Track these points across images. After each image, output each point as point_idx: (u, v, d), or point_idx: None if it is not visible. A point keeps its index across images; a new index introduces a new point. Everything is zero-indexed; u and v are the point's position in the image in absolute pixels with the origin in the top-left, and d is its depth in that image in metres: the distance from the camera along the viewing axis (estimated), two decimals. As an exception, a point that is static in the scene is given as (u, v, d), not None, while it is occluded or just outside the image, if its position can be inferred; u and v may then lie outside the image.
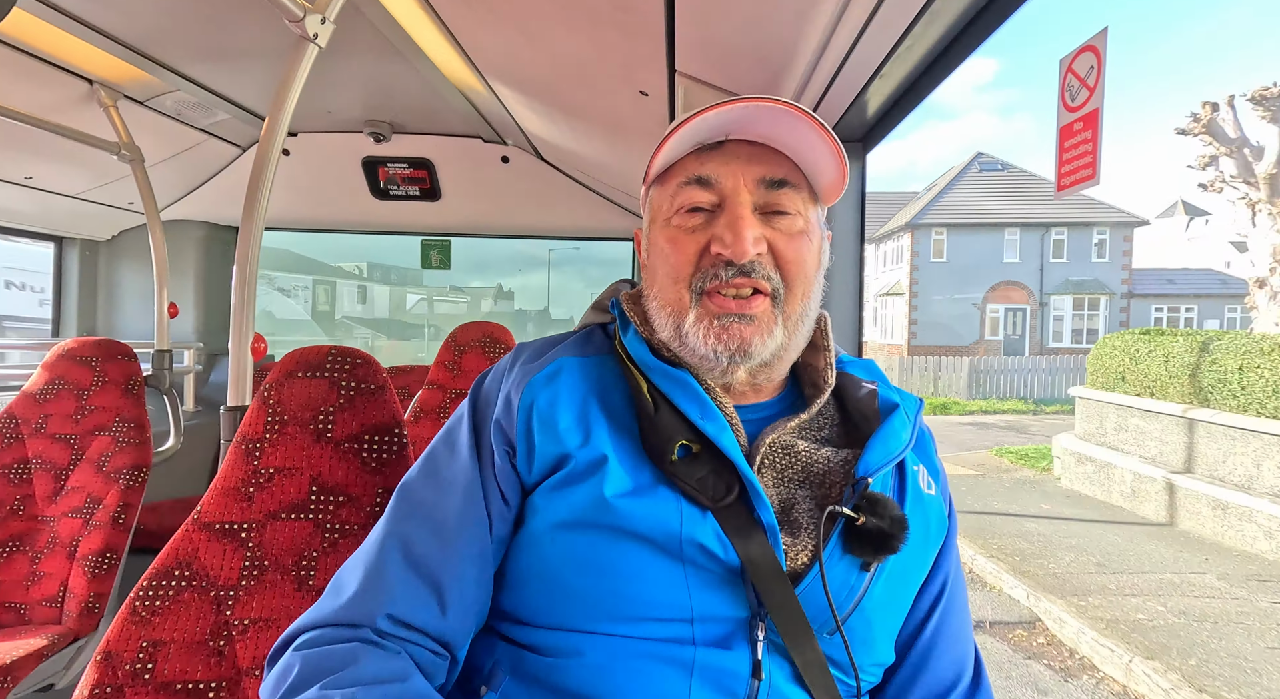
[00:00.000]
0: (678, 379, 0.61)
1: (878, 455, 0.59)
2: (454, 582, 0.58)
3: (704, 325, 0.60)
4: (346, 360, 0.96)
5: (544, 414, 0.61)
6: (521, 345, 0.70)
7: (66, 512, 1.60)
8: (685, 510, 0.56)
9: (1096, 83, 0.59)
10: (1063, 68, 0.62)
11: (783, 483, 0.61)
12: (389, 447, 0.94)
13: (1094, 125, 0.60)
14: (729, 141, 0.62)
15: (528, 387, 0.63)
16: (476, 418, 0.66)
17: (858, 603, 0.57)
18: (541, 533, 0.59)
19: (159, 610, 0.83)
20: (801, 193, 0.62)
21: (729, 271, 0.59)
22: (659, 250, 0.64)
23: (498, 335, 1.85)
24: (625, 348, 0.65)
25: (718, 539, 0.55)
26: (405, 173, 2.52)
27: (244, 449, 0.91)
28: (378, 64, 1.77)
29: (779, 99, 0.57)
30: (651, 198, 0.68)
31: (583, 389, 0.63)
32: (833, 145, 0.59)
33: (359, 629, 0.56)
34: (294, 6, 0.95)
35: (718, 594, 0.55)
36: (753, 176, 0.61)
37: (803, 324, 0.64)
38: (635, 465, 0.58)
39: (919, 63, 0.77)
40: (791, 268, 0.61)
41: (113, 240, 2.80)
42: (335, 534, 0.90)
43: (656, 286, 0.65)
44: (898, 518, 0.57)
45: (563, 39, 1.16)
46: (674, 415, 0.59)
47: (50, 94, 1.77)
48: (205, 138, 2.28)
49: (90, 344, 1.75)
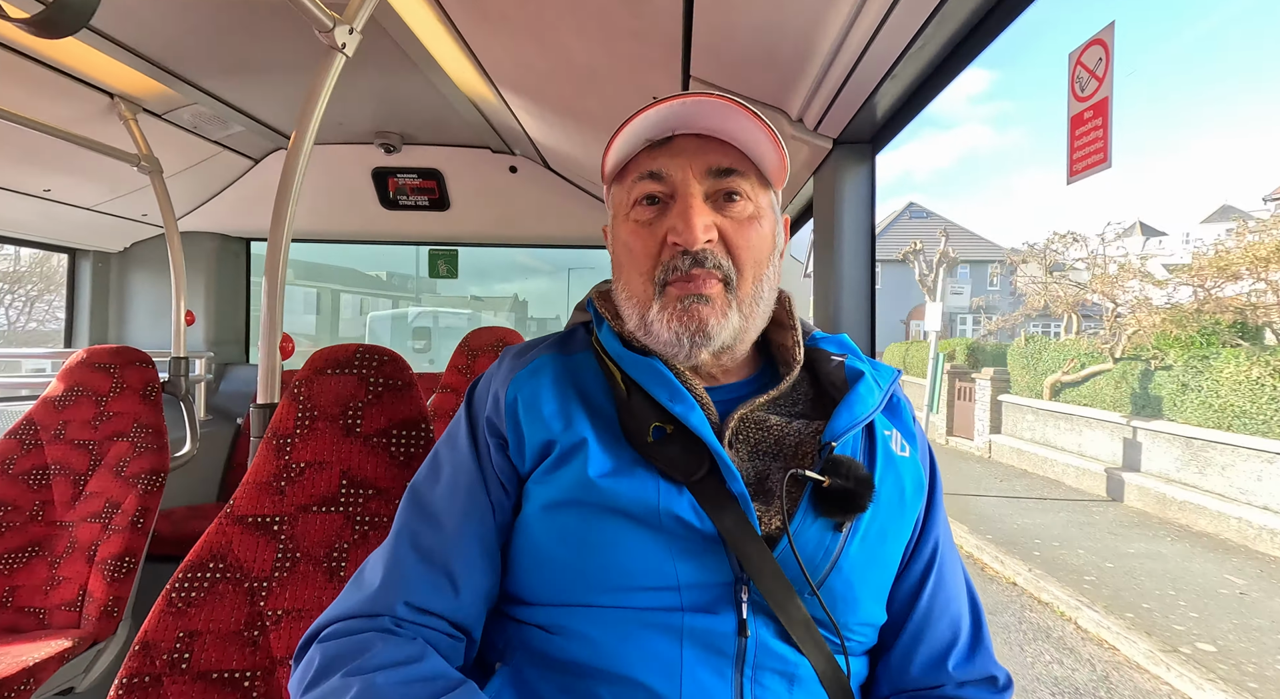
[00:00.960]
0: (646, 366, 0.65)
1: (843, 421, 0.63)
2: (464, 567, 0.63)
3: (667, 312, 0.64)
4: (373, 358, 0.99)
5: (528, 406, 0.65)
6: (509, 347, 0.75)
7: (85, 517, 1.62)
8: (662, 486, 0.59)
9: (1105, 73, 0.62)
10: (1071, 61, 0.65)
11: (757, 456, 0.64)
12: (416, 441, 0.97)
13: (1104, 113, 0.63)
14: (677, 136, 0.66)
15: (512, 383, 0.67)
16: (472, 417, 0.70)
17: (834, 563, 0.60)
18: (535, 515, 0.63)
19: (194, 602, 0.85)
20: (749, 178, 0.66)
21: (685, 261, 0.63)
22: (622, 244, 0.68)
23: (510, 340, 1.88)
24: (600, 342, 0.70)
25: (693, 511, 0.58)
26: (414, 183, 2.56)
27: (275, 444, 0.93)
28: (391, 76, 1.82)
29: (713, 94, 0.62)
30: (613, 195, 0.72)
31: (563, 382, 0.67)
32: (768, 133, 0.63)
33: (378, 618, 0.60)
34: (324, 17, 0.98)
35: (700, 561, 0.59)
36: (701, 167, 0.64)
37: (757, 306, 0.67)
38: (615, 448, 0.62)
39: (928, 64, 0.80)
40: (742, 253, 0.64)
41: (125, 252, 2.83)
42: (365, 526, 0.92)
43: (623, 279, 0.69)
44: (862, 478, 0.60)
45: (576, 46, 1.20)
46: (646, 400, 0.64)
47: (72, 108, 1.81)
48: (219, 150, 2.32)
49: (108, 351, 1.77)
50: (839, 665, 0.60)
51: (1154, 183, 73.77)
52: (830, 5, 0.73)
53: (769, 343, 0.74)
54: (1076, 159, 0.65)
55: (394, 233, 2.76)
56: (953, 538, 0.73)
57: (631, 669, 0.56)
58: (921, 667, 0.65)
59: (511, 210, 2.63)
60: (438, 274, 3.10)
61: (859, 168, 1.11)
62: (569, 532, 0.60)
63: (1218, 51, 66.89)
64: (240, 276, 3.01)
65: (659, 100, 0.62)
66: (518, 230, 2.69)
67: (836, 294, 1.14)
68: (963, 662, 0.66)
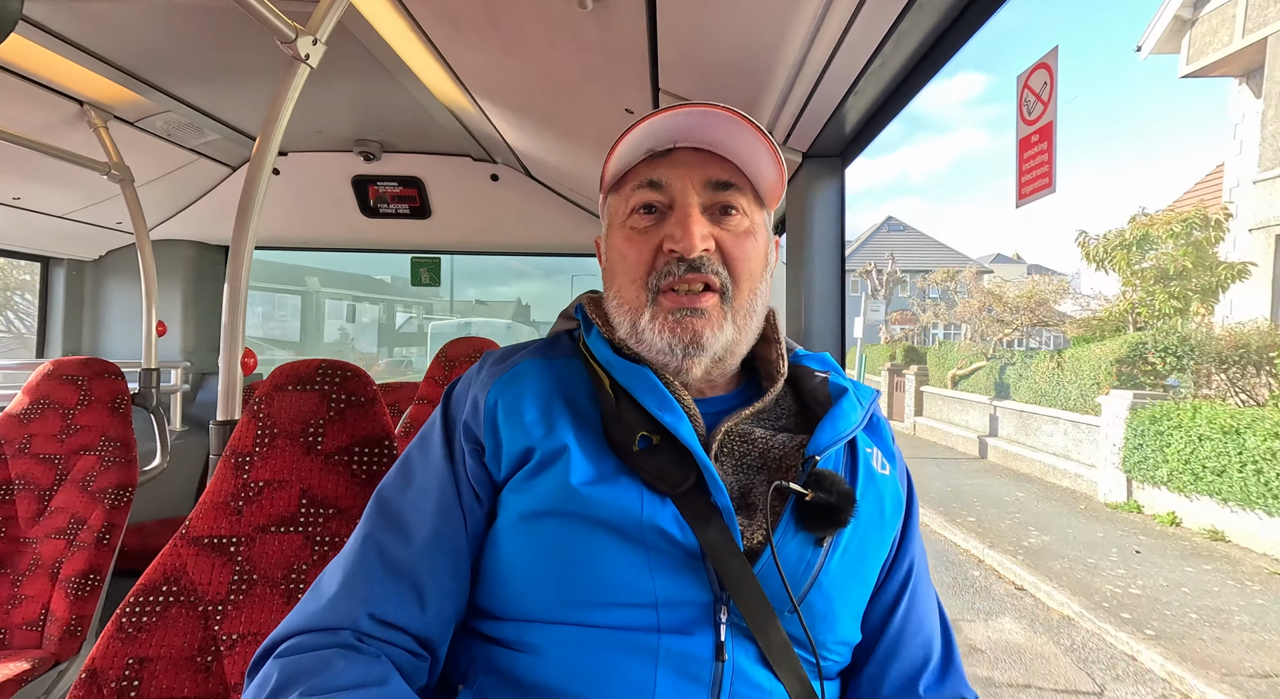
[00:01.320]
0: (638, 374, 0.64)
1: (827, 436, 0.63)
2: (431, 579, 0.60)
3: (659, 321, 0.63)
4: (337, 373, 0.97)
5: (509, 411, 0.63)
6: (489, 352, 0.73)
7: (49, 533, 1.58)
8: (646, 497, 0.58)
9: (1050, 97, 0.62)
10: (1019, 84, 0.65)
11: (741, 470, 0.63)
12: (379, 458, 0.95)
13: (1049, 137, 0.63)
14: (678, 148, 0.66)
15: (493, 387, 0.66)
16: (448, 422, 0.68)
17: (815, 578, 0.59)
18: (509, 525, 0.61)
19: (145, 627, 0.82)
20: (746, 195, 0.66)
21: (680, 267, 0.62)
22: (617, 251, 0.67)
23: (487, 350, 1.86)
24: (588, 348, 0.69)
25: (677, 524, 0.57)
26: (395, 191, 2.54)
27: (234, 463, 0.91)
28: (367, 84, 1.80)
29: (722, 106, 0.61)
30: (609, 204, 0.71)
31: (547, 388, 0.66)
32: (771, 149, 0.64)
33: (338, 632, 0.57)
34: (286, 28, 0.97)
35: (679, 578, 0.57)
36: (700, 179, 0.65)
37: (751, 318, 0.67)
38: (598, 456, 0.61)
39: (891, 79, 0.80)
40: (738, 265, 0.64)
41: (99, 260, 2.79)
42: (325, 547, 0.90)
43: (615, 286, 0.68)
44: (845, 492, 0.59)
45: (549, 59, 1.19)
46: (635, 409, 0.62)
47: (40, 115, 1.78)
48: (195, 158, 2.29)
49: (76, 363, 1.74)
50: (814, 691, 0.59)
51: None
52: (790, 24, 0.73)
53: (753, 357, 0.74)
54: (1025, 183, 0.65)
55: (375, 241, 2.74)
56: (926, 558, 0.72)
57: (601, 694, 0.54)
58: (894, 687, 0.65)
59: (494, 218, 2.61)
60: (420, 282, 3.07)
61: (829, 181, 1.11)
62: (545, 542, 0.58)
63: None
64: (218, 285, 2.98)
65: (663, 109, 0.62)
66: (500, 238, 2.68)
67: (808, 305, 1.13)
68: (934, 684, 0.65)
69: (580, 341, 0.71)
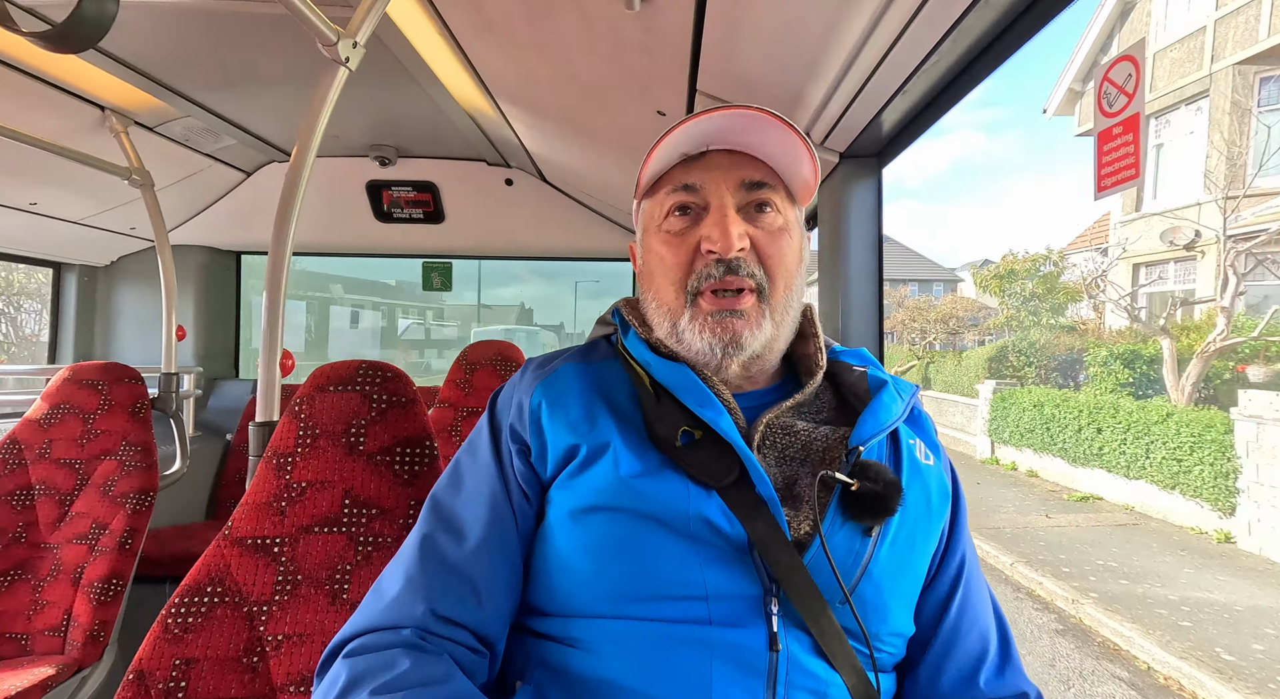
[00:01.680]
0: (677, 371, 0.65)
1: (869, 426, 0.63)
2: (487, 576, 0.62)
3: (699, 322, 0.64)
4: (377, 374, 0.97)
5: (552, 411, 0.65)
6: (531, 358, 0.75)
7: (71, 538, 1.57)
8: (692, 490, 0.59)
9: (1135, 89, 0.62)
10: (1099, 77, 0.66)
11: (785, 461, 0.64)
12: (420, 459, 0.95)
13: (1134, 128, 0.63)
14: (711, 151, 0.67)
15: (536, 389, 0.67)
16: (494, 426, 0.70)
17: (865, 569, 0.59)
18: (559, 522, 0.62)
19: (191, 627, 0.82)
20: (779, 193, 0.67)
21: (719, 269, 0.64)
22: (654, 254, 0.68)
23: (508, 353, 1.86)
24: (626, 349, 0.70)
25: (724, 516, 0.58)
26: (409, 196, 2.54)
27: (275, 464, 0.91)
28: (388, 88, 1.81)
29: (753, 106, 0.62)
30: (644, 209, 0.73)
31: (588, 388, 0.67)
32: (804, 145, 0.65)
33: (401, 631, 0.58)
34: (328, 31, 0.97)
35: (729, 571, 0.57)
36: (734, 180, 0.66)
37: (788, 315, 0.68)
38: (642, 452, 0.61)
39: (940, 79, 0.80)
40: (773, 263, 0.65)
41: (111, 266, 2.79)
42: (369, 547, 0.89)
43: (654, 290, 0.69)
44: (891, 481, 0.60)
45: (582, 62, 1.19)
46: (675, 405, 0.63)
47: (62, 120, 1.79)
48: (211, 163, 2.30)
49: (96, 367, 1.73)
50: (870, 681, 0.58)
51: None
52: (845, 22, 0.73)
53: (791, 353, 0.74)
54: (1105, 174, 0.65)
55: (388, 246, 2.74)
56: (977, 553, 0.72)
57: (658, 688, 0.55)
58: (952, 681, 0.64)
59: (507, 223, 2.61)
60: (431, 286, 3.07)
61: (865, 181, 1.11)
62: (595, 537, 0.59)
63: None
64: (230, 290, 2.97)
65: (696, 114, 0.63)
66: (513, 243, 2.68)
67: (845, 305, 1.13)
68: (994, 677, 0.65)
69: (619, 344, 0.73)
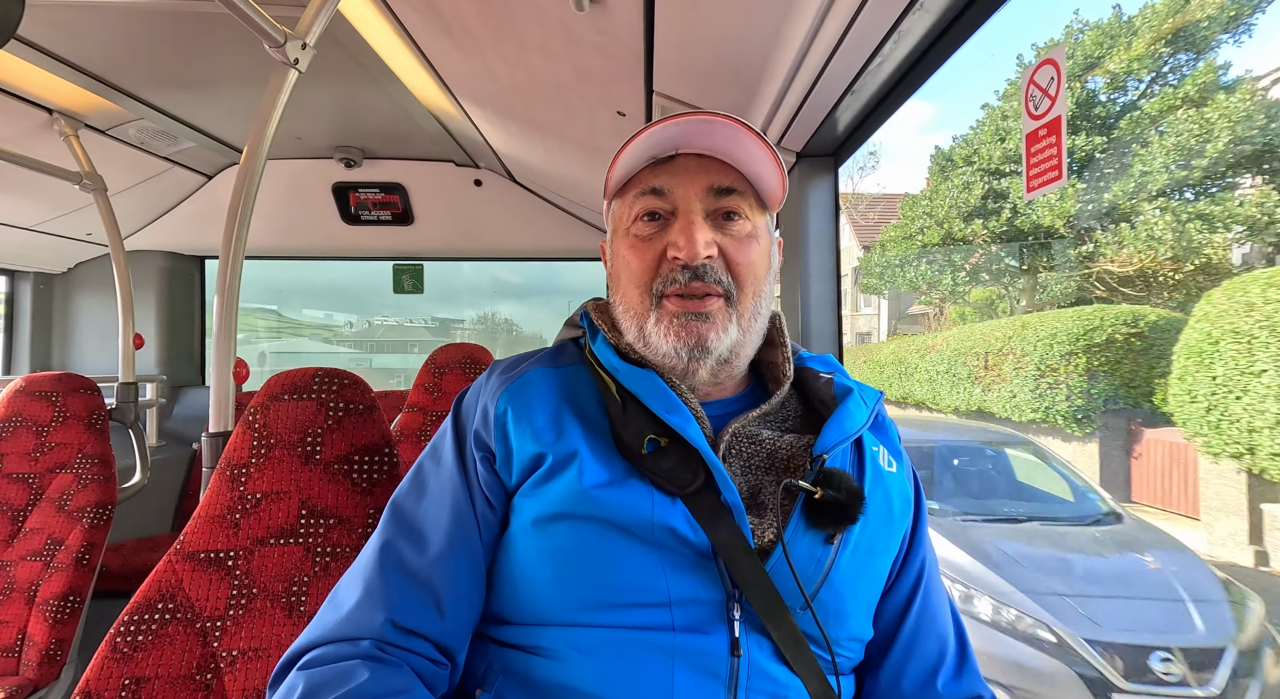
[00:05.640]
0: (643, 378, 0.64)
1: (833, 434, 0.63)
2: (449, 586, 0.60)
3: (664, 325, 0.64)
4: (333, 381, 0.95)
5: (518, 418, 0.64)
6: (497, 362, 0.74)
7: (24, 555, 1.52)
8: (656, 498, 0.58)
9: (1057, 92, 0.64)
10: (1025, 80, 0.67)
11: (750, 470, 0.64)
12: (379, 466, 0.93)
13: (1057, 131, 0.64)
14: (680, 155, 0.66)
15: (503, 395, 0.66)
16: (458, 431, 0.68)
17: (826, 575, 0.59)
18: (522, 530, 0.61)
19: (141, 646, 0.80)
20: (748, 199, 0.67)
21: (685, 275, 0.63)
22: (621, 258, 0.68)
23: (477, 355, 1.84)
24: (594, 354, 0.69)
25: (688, 523, 0.57)
26: (377, 198, 2.51)
27: (229, 475, 0.89)
28: (350, 89, 1.78)
29: (723, 114, 0.62)
30: (613, 210, 0.72)
31: (555, 395, 0.66)
32: (772, 155, 0.65)
33: (359, 642, 0.57)
34: (275, 33, 0.95)
35: (692, 577, 0.57)
36: (702, 185, 0.65)
37: (755, 322, 0.68)
38: (608, 460, 0.61)
39: (889, 77, 0.81)
40: (742, 270, 0.65)
41: (67, 273, 2.71)
42: (327, 558, 0.88)
43: (621, 292, 0.69)
44: (853, 490, 0.60)
45: (540, 62, 1.19)
46: (642, 412, 0.63)
47: (7, 124, 1.73)
48: (169, 166, 2.24)
49: (49, 378, 1.68)
50: (830, 685, 0.59)
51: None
52: (789, 23, 0.74)
53: (759, 361, 0.74)
54: (1033, 175, 0.67)
55: (356, 248, 2.70)
56: (936, 558, 0.73)
57: (620, 693, 0.54)
58: (912, 684, 0.65)
59: (477, 224, 2.59)
60: (402, 289, 3.03)
61: (822, 180, 1.12)
62: (558, 546, 0.59)
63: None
64: (194, 296, 2.90)
65: (665, 118, 0.63)
66: (484, 244, 2.66)
67: (804, 303, 1.14)
68: (951, 680, 0.66)
69: (586, 349, 0.72)
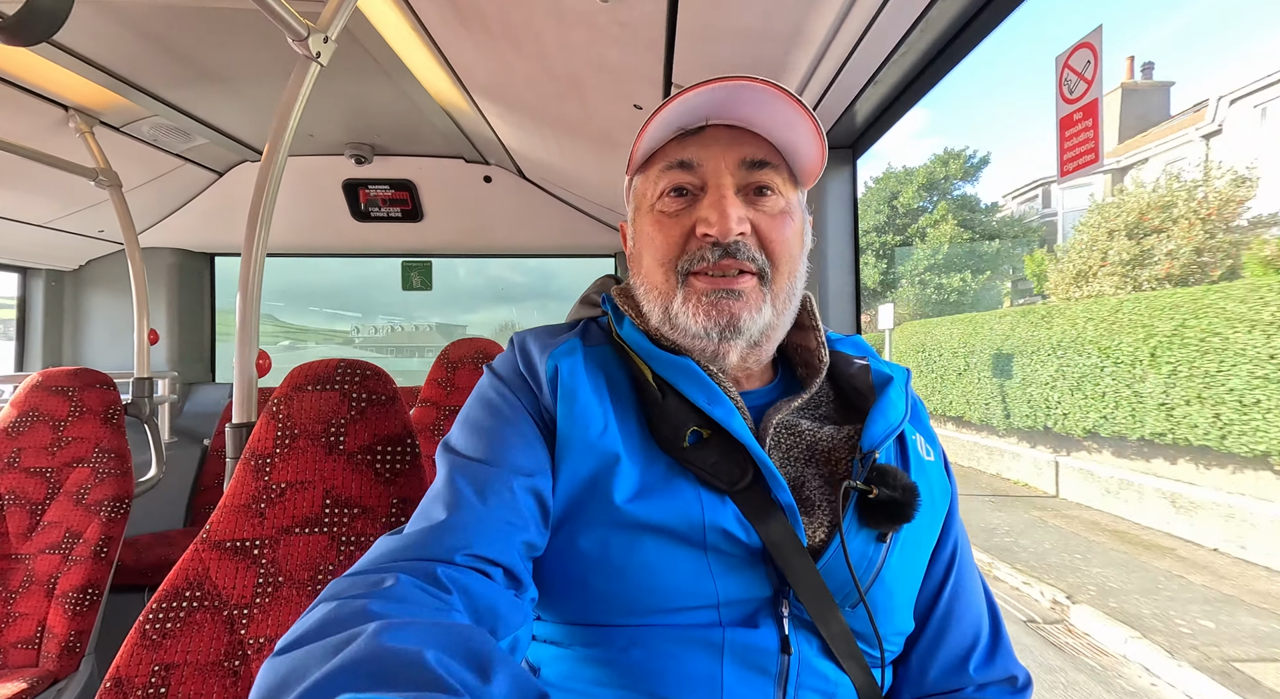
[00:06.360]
0: (681, 367, 0.60)
1: (879, 428, 0.60)
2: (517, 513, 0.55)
3: (692, 304, 0.60)
4: (356, 372, 0.95)
5: (567, 388, 0.60)
6: (521, 332, 0.69)
7: (43, 548, 1.53)
8: (704, 497, 0.56)
9: (1094, 76, 0.63)
10: (1059, 65, 0.67)
11: (790, 462, 0.61)
12: (402, 457, 0.94)
13: (1094, 114, 0.64)
14: (709, 126, 0.62)
15: (551, 355, 0.63)
16: (509, 385, 0.64)
17: (877, 574, 0.57)
18: (565, 540, 0.58)
19: (170, 633, 0.81)
20: (781, 173, 0.63)
21: (715, 252, 0.59)
22: (645, 236, 0.64)
23: (490, 350, 1.85)
24: (624, 339, 0.65)
25: (739, 523, 0.55)
26: (387, 194, 2.51)
27: (253, 465, 0.90)
28: (363, 85, 1.78)
29: (757, 78, 0.58)
30: (635, 186, 0.68)
31: (594, 372, 0.63)
32: (811, 124, 0.60)
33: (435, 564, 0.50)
34: (298, 25, 0.96)
35: (741, 577, 0.56)
36: (734, 158, 0.61)
37: (790, 302, 0.64)
38: (648, 458, 0.58)
39: (911, 68, 0.81)
40: (776, 247, 0.61)
41: (79, 270, 2.72)
42: (351, 547, 0.89)
43: (644, 272, 0.65)
44: (909, 486, 0.58)
45: (557, 55, 1.19)
46: (682, 403, 0.59)
47: (23, 121, 1.74)
48: (181, 163, 2.25)
49: (65, 373, 1.69)
50: (874, 679, 0.58)
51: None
52: (814, 13, 0.74)
53: (785, 344, 0.71)
54: (1067, 159, 0.66)
55: (366, 245, 2.71)
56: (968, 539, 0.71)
57: (669, 689, 0.53)
58: (941, 670, 0.64)
59: (486, 221, 2.60)
60: (411, 286, 3.04)
61: (841, 171, 1.12)
62: (604, 558, 0.56)
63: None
64: (204, 292, 2.92)
65: (696, 84, 0.58)
66: (493, 241, 2.67)
67: (822, 294, 1.14)
68: (983, 663, 0.64)
69: (611, 331, 0.68)
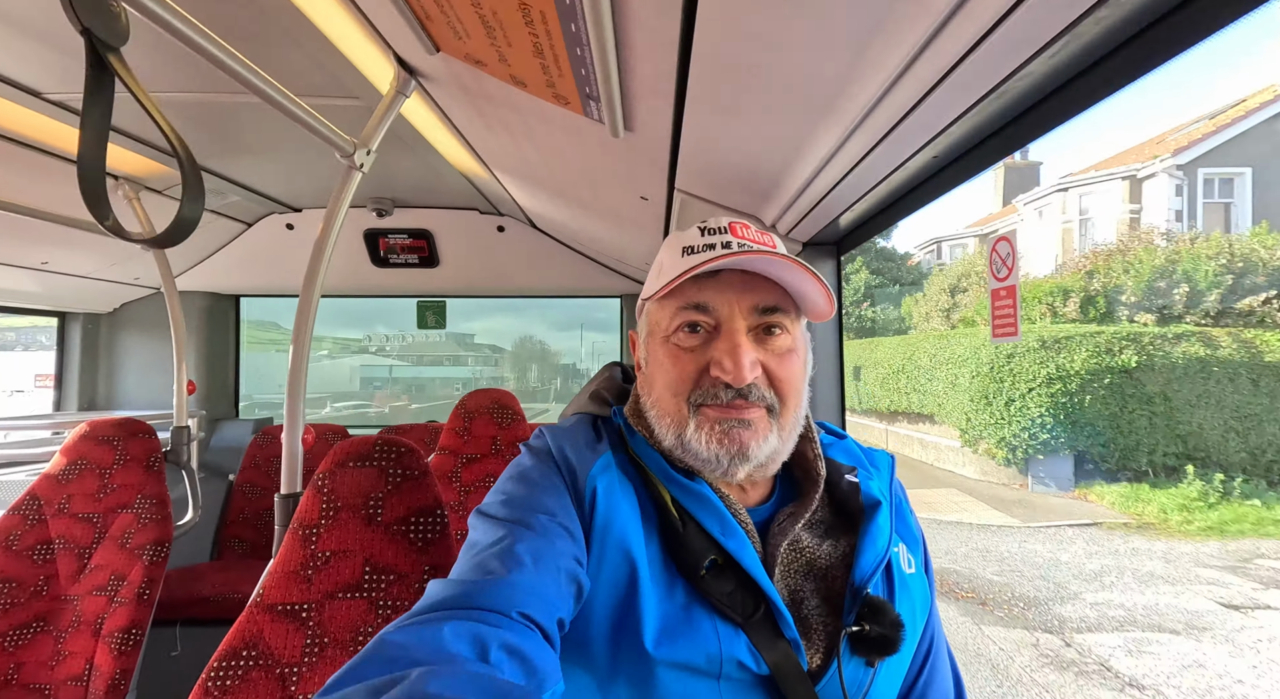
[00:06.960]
0: (699, 496, 0.64)
1: (869, 560, 0.64)
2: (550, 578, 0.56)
3: (705, 431, 0.64)
4: (392, 450, 1.07)
5: (603, 507, 0.63)
6: (555, 436, 0.70)
7: (91, 590, 1.64)
8: (721, 630, 0.59)
9: (1013, 265, 0.75)
10: (989, 247, 0.77)
11: (790, 575, 0.65)
12: (433, 527, 1.05)
13: (1014, 296, 0.76)
14: (723, 272, 0.66)
15: (593, 469, 0.66)
16: (551, 471, 0.66)
17: (865, 693, 0.63)
18: (582, 666, 0.60)
19: (229, 689, 0.91)
20: (790, 315, 0.67)
21: (728, 394, 0.63)
22: (659, 364, 0.68)
23: (505, 401, 1.97)
24: (640, 457, 0.69)
25: (750, 653, 0.59)
26: (405, 242, 2.66)
27: (301, 534, 1.01)
28: (391, 156, 1.92)
29: (768, 250, 0.63)
30: (649, 312, 0.71)
31: (625, 491, 0.66)
32: (819, 284, 0.64)
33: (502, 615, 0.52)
34: (344, 144, 1.08)
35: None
36: (748, 304, 0.65)
37: (795, 430, 0.68)
38: (669, 583, 0.61)
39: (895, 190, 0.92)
40: (785, 386, 0.66)
41: (114, 312, 2.86)
42: (388, 610, 1.00)
43: (655, 396, 0.69)
44: (895, 621, 0.62)
45: (570, 149, 1.32)
46: (699, 531, 0.63)
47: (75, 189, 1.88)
48: (214, 217, 2.40)
49: (111, 424, 1.81)
50: None
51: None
52: (809, 146, 0.85)
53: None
54: (997, 326, 0.78)
55: (384, 287, 2.85)
56: (942, 625, 0.76)
57: None
58: None
59: (499, 265, 2.73)
60: (426, 324, 3.17)
61: (825, 265, 1.24)
62: (619, 689, 0.59)
63: (1161, 77, 70.71)
64: (229, 332, 3.06)
65: (712, 258, 0.63)
66: (505, 284, 2.80)
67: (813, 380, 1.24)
68: None
69: (627, 447, 0.71)
